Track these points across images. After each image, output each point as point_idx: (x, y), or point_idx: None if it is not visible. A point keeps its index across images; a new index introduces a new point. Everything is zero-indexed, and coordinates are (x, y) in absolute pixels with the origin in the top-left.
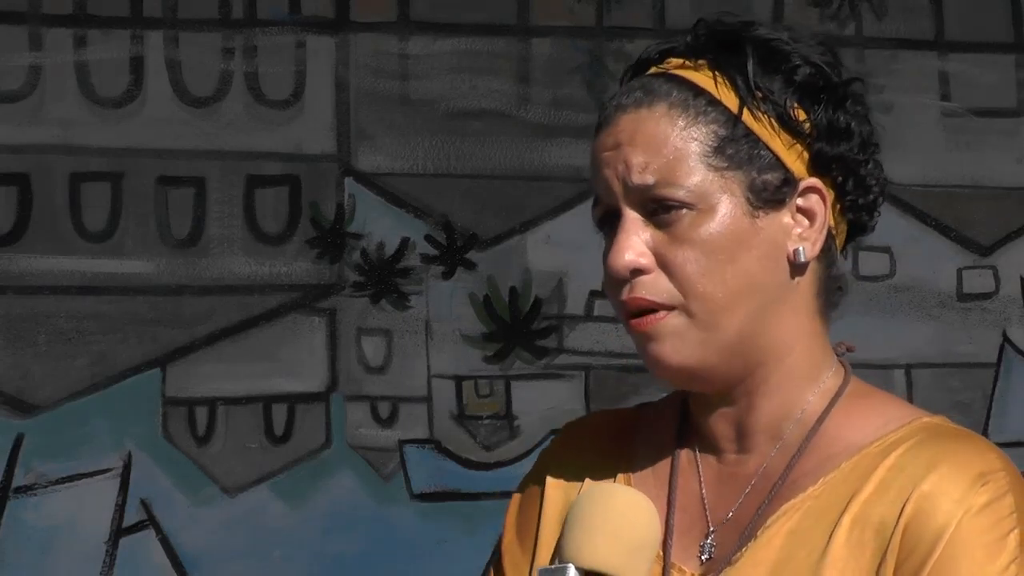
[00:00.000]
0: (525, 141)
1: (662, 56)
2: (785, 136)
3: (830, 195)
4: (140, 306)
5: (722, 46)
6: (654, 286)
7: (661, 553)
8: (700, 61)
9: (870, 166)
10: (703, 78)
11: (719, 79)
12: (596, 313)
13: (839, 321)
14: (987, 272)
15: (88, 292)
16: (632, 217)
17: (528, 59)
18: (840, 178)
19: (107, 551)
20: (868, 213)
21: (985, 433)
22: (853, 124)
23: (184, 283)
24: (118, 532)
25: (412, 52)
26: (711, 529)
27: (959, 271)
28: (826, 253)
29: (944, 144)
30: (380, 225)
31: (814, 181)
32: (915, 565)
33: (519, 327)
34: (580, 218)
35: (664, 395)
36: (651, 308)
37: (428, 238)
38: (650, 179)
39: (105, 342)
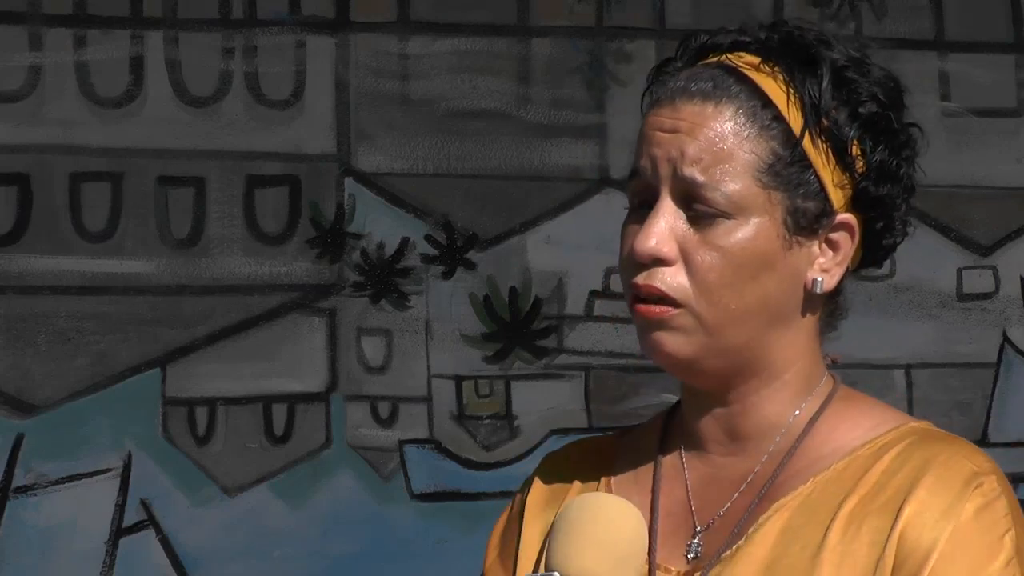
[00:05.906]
0: (525, 141)
1: (732, 47)
2: (837, 170)
3: (859, 233)
4: (140, 306)
5: (798, 59)
6: (672, 279)
7: (646, 559)
8: (776, 68)
9: (903, 211)
10: (776, 90)
11: (792, 96)
12: (596, 313)
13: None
14: (987, 272)
15: (88, 292)
16: (669, 205)
17: (528, 59)
18: (873, 218)
19: (107, 551)
20: (885, 254)
21: (985, 433)
22: (903, 170)
23: (184, 283)
24: (118, 532)
25: (412, 52)
26: (698, 529)
27: (959, 271)
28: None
29: (944, 144)
30: (380, 225)
31: (849, 217)
32: (914, 568)
33: (519, 327)
34: (580, 218)
35: (642, 423)
36: (661, 298)
37: (428, 238)
38: (700, 177)
39: (105, 342)
